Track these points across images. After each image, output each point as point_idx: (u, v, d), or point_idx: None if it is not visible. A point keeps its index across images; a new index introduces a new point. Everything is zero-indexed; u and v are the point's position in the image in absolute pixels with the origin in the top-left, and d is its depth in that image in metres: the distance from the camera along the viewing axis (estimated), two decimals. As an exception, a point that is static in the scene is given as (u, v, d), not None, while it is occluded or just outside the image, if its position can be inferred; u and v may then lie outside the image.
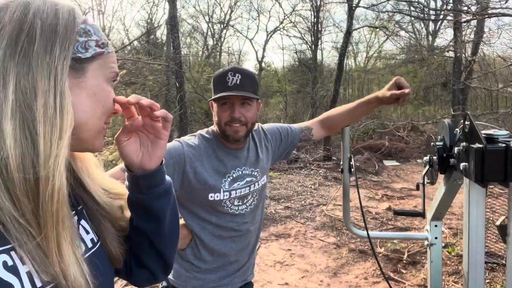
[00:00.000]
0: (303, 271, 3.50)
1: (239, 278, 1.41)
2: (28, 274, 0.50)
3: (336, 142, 9.09)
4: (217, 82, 1.30)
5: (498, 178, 0.89)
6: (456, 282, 3.17)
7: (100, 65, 0.61)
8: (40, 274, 0.50)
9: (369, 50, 16.91)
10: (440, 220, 1.44)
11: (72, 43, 0.56)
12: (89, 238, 0.64)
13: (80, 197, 0.66)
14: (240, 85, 1.26)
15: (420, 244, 3.81)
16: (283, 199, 5.62)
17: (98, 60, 0.60)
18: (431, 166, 1.22)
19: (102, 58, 0.61)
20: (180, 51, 7.50)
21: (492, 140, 0.95)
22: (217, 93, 1.28)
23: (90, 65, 0.59)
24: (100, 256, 0.64)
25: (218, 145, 1.34)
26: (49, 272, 0.50)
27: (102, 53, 0.61)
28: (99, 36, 0.61)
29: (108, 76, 0.62)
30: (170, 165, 1.22)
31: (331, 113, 1.59)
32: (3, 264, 0.48)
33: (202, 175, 1.27)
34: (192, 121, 9.34)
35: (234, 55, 17.31)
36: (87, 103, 0.58)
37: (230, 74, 1.27)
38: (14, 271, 0.49)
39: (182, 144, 1.28)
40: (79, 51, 0.58)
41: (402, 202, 5.70)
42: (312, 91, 11.03)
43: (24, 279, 0.49)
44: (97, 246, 0.65)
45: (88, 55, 0.59)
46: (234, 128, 1.28)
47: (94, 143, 0.62)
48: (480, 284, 1.03)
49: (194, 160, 1.26)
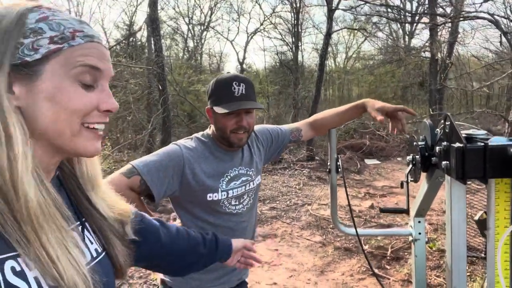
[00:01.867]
0: (290, 270, 3.54)
1: (236, 277, 1.44)
2: (35, 279, 0.51)
3: (319, 142, 9.21)
4: (222, 91, 1.30)
5: (478, 175, 0.95)
6: (438, 276, 3.28)
7: (60, 63, 0.55)
8: (45, 279, 0.51)
9: (348, 51, 17.19)
10: (423, 216, 1.50)
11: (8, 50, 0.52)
12: (93, 248, 0.65)
13: (86, 209, 0.67)
14: (246, 95, 1.30)
15: (403, 240, 3.92)
16: (269, 200, 5.67)
17: (56, 58, 0.55)
18: (414, 165, 1.28)
19: (63, 54, 0.55)
20: (163, 54, 7.46)
21: (471, 139, 1.01)
22: (224, 102, 1.28)
23: (46, 66, 0.54)
24: (105, 267, 0.65)
25: (215, 147, 1.37)
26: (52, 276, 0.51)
27: (59, 49, 0.55)
28: (58, 30, 0.55)
29: (74, 73, 0.56)
30: (170, 167, 1.24)
31: (321, 115, 1.64)
32: (11, 269, 0.49)
33: (200, 176, 1.29)
34: (175, 123, 9.28)
35: (215, 57, 17.30)
36: (46, 108, 0.54)
37: (235, 84, 1.28)
38: (23, 276, 0.50)
39: (180, 147, 1.30)
40: (26, 54, 0.53)
41: (384, 199, 5.83)
42: (294, 92, 11.14)
43: (32, 284, 0.50)
44: (101, 256, 0.66)
45: (37, 56, 0.54)
46: (239, 136, 1.31)
47: (78, 147, 0.58)
48: (463, 276, 1.08)
49: (192, 162, 1.29)
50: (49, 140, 0.56)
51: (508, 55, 7.44)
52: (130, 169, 1.21)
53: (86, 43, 0.57)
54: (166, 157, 1.26)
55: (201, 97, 10.45)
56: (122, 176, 1.19)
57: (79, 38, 0.57)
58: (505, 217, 1.01)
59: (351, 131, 10.02)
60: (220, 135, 1.34)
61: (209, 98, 1.36)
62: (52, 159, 0.60)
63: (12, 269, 0.49)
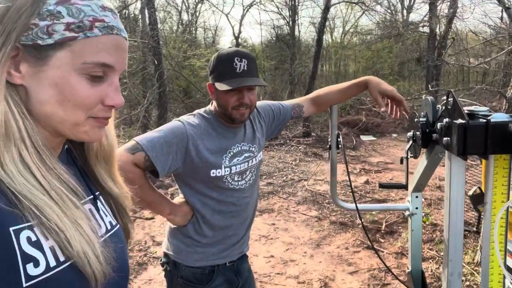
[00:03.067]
0: (287, 243, 3.62)
1: (237, 251, 1.47)
2: (51, 249, 0.52)
3: (315, 118, 9.21)
4: (223, 67, 1.28)
5: (479, 151, 0.96)
6: (430, 249, 3.37)
7: (72, 53, 0.53)
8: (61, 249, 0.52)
9: (345, 26, 16.91)
10: (420, 191, 1.53)
11: (20, 29, 0.51)
12: (107, 220, 0.66)
13: (97, 182, 0.68)
14: (248, 71, 1.28)
15: (397, 215, 4.00)
16: (265, 176, 5.72)
17: (68, 47, 0.53)
18: (415, 141, 1.29)
19: (77, 44, 0.53)
20: (157, 27, 7.30)
21: (473, 116, 1.02)
22: (225, 79, 1.27)
23: (57, 53, 0.53)
24: (119, 238, 0.67)
25: (217, 124, 1.37)
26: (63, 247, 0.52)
27: (74, 38, 0.53)
28: (77, 17, 0.53)
29: (82, 68, 0.54)
30: (174, 143, 1.24)
31: (323, 92, 1.63)
32: (27, 239, 0.49)
33: (204, 152, 1.30)
34: (170, 99, 9.20)
35: (210, 30, 16.97)
36: (50, 95, 0.53)
37: (237, 59, 1.26)
38: (38, 246, 0.50)
39: (183, 124, 1.30)
40: (39, 37, 0.51)
41: (379, 175, 5.91)
42: (290, 68, 11.03)
43: (48, 253, 0.51)
44: (116, 228, 0.68)
45: (50, 41, 0.52)
46: (241, 112, 1.31)
47: (80, 135, 0.58)
48: (459, 250, 1.12)
49: (196, 138, 1.29)
50: (51, 124, 0.56)
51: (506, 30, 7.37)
52: (134, 145, 1.21)
53: (103, 36, 0.55)
54: (170, 133, 1.26)
55: (196, 72, 10.31)
56: (127, 152, 1.19)
57: (97, 29, 0.54)
58: (502, 192, 1.03)
59: (347, 108, 10.01)
60: (222, 112, 1.34)
61: (210, 73, 1.34)
62: (56, 138, 0.60)
63: (28, 239, 0.50)
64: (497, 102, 9.95)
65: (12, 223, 0.48)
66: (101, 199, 0.68)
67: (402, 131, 8.98)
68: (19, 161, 0.51)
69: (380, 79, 1.55)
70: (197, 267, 1.39)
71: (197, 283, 1.39)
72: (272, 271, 3.13)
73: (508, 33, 7.11)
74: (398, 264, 3.16)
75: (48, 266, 0.51)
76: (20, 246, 0.48)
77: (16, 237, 0.48)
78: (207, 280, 1.39)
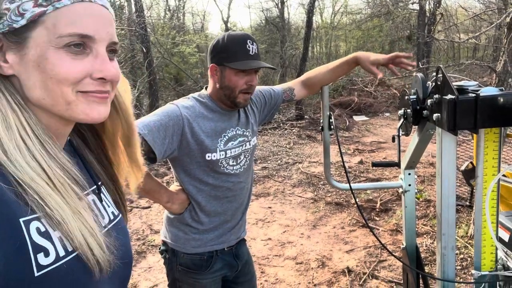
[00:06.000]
0: (284, 226, 3.66)
1: (234, 236, 1.48)
2: (60, 239, 0.52)
3: (308, 101, 9.19)
4: (236, 48, 1.28)
5: (469, 125, 0.97)
6: (425, 224, 3.43)
7: (46, 30, 0.51)
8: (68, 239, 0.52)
9: (335, 6, 16.74)
10: (413, 168, 1.54)
11: None
12: (110, 211, 0.66)
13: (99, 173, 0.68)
14: (258, 54, 1.33)
15: (391, 193, 4.05)
16: (260, 160, 5.73)
17: (42, 24, 0.51)
18: (406, 118, 1.29)
19: (48, 18, 0.51)
20: (144, 14, 7.16)
21: (463, 91, 1.02)
22: (239, 59, 1.27)
23: (32, 32, 0.50)
24: (122, 227, 0.67)
25: (213, 106, 1.36)
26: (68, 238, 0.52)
27: (43, 13, 0.50)
28: None
29: (60, 41, 0.51)
30: (170, 126, 1.24)
31: (313, 73, 1.63)
32: (37, 230, 0.50)
33: (199, 135, 1.29)
34: (161, 87, 9.11)
35: (198, 16, 16.70)
36: (35, 76, 0.52)
37: (249, 41, 1.28)
38: (47, 236, 0.51)
39: (178, 106, 1.29)
40: (13, 20, 0.50)
41: (372, 155, 5.95)
42: (281, 51, 10.93)
43: (57, 243, 0.52)
44: (118, 218, 0.68)
45: (23, 22, 0.50)
46: (246, 96, 1.32)
47: (77, 115, 0.55)
48: (452, 224, 1.14)
49: (191, 121, 1.28)
50: (47, 108, 0.54)
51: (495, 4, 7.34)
52: None
53: (74, 4, 0.52)
54: (166, 116, 1.25)
55: (186, 58, 10.19)
56: None
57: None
58: (493, 165, 1.04)
59: (339, 89, 9.99)
60: (225, 94, 1.32)
61: (217, 54, 1.31)
62: (60, 126, 0.58)
63: (37, 230, 0.50)
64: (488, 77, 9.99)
65: (21, 214, 0.49)
66: (104, 189, 0.68)
67: (394, 110, 9.02)
68: (24, 148, 0.50)
69: (369, 52, 1.54)
70: (195, 253, 1.40)
71: (196, 269, 1.40)
72: (270, 253, 3.17)
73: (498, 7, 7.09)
74: (394, 241, 3.22)
75: (58, 255, 0.51)
76: (30, 237, 0.49)
77: (26, 228, 0.49)
78: (206, 266, 1.41)
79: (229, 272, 1.49)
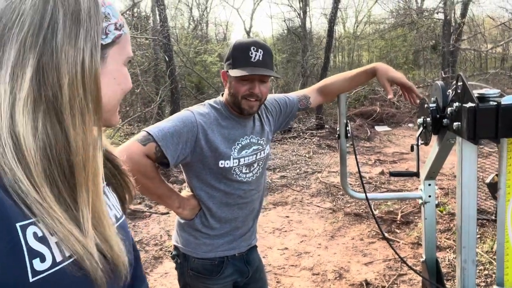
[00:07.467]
0: (301, 236, 3.62)
1: (245, 242, 1.48)
2: (57, 244, 0.52)
3: (328, 110, 9.12)
4: (238, 55, 1.29)
5: (490, 135, 0.93)
6: (448, 238, 3.32)
7: (119, 48, 0.60)
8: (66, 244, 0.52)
9: (358, 15, 16.64)
10: (433, 179, 1.50)
11: (98, 31, 0.55)
12: (112, 214, 0.66)
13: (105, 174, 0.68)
14: (263, 62, 1.29)
15: (413, 205, 3.94)
16: (279, 169, 5.71)
17: (117, 44, 0.60)
18: (425, 127, 1.26)
19: (121, 40, 0.60)
20: (168, 24, 7.33)
21: (484, 99, 0.99)
22: (239, 66, 1.28)
23: (110, 50, 0.59)
24: (125, 230, 0.67)
25: (227, 114, 1.37)
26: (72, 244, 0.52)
27: (120, 35, 0.60)
28: (117, 17, 0.59)
29: (125, 58, 0.62)
30: (184, 133, 1.25)
31: (330, 81, 1.62)
32: (33, 235, 0.49)
33: (214, 142, 1.30)
34: (183, 95, 9.25)
35: (221, 26, 16.95)
36: (109, 88, 0.59)
37: (253, 49, 1.28)
38: (44, 241, 0.51)
39: (193, 113, 1.31)
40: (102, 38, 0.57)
41: (394, 166, 5.83)
42: (303, 60, 10.93)
43: (54, 248, 0.51)
44: (121, 221, 0.68)
45: (108, 40, 0.58)
46: (250, 103, 1.32)
47: (111, 119, 0.64)
48: (472, 237, 1.09)
49: (206, 128, 1.30)
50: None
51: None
52: (146, 136, 1.23)
53: (128, 33, 0.63)
54: (181, 123, 1.27)
55: (208, 67, 10.32)
56: (138, 144, 1.21)
57: (125, 27, 0.61)
58: (516, 177, 1.00)
59: (361, 99, 9.87)
60: (232, 100, 1.34)
61: (226, 60, 1.34)
62: None
63: (34, 235, 0.49)
64: (517, 88, 9.66)
65: (18, 218, 0.48)
66: (108, 191, 0.68)
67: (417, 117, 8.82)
68: None
69: (389, 66, 1.52)
70: (206, 258, 1.40)
71: (207, 274, 1.40)
72: (286, 263, 3.13)
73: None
74: (415, 254, 3.12)
75: (54, 261, 0.51)
76: (26, 242, 0.48)
77: (23, 233, 0.48)
78: (217, 271, 1.40)
79: (240, 278, 1.48)
